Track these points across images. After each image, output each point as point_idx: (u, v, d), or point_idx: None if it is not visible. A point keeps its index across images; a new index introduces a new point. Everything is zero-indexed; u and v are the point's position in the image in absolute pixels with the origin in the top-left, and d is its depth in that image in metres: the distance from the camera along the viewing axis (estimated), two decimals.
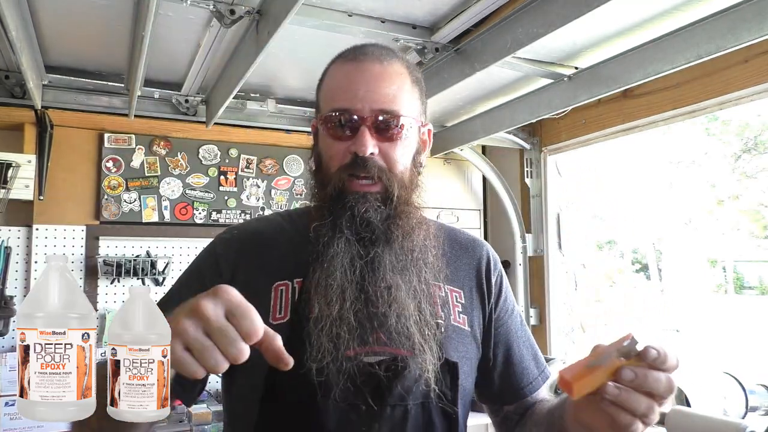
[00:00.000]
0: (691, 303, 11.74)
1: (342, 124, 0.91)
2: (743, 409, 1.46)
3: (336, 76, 0.95)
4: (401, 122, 0.91)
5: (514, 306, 1.09)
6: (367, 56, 0.93)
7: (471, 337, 1.00)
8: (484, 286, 1.04)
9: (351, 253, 0.89)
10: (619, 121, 2.20)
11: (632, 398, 0.71)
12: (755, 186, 11.26)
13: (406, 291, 0.91)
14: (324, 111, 0.94)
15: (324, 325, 0.86)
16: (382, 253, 0.90)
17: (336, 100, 0.92)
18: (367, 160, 0.89)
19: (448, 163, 2.98)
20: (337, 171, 0.92)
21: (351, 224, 0.90)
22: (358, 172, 0.90)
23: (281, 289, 0.94)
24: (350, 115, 0.90)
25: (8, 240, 2.20)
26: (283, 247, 0.98)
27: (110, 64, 2.05)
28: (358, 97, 0.90)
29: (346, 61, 0.95)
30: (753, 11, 1.38)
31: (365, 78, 0.91)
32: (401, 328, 0.88)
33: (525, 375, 1.05)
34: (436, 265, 0.97)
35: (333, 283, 0.88)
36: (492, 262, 1.08)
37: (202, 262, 1.00)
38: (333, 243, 0.89)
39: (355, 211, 0.89)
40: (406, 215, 0.93)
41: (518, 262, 2.70)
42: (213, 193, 2.53)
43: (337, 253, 0.89)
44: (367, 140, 0.89)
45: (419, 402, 0.90)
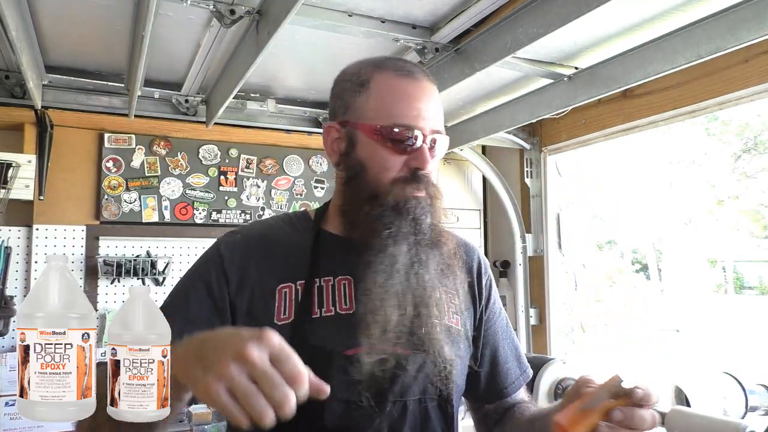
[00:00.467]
0: (691, 303, 11.75)
1: (403, 140, 0.94)
2: (743, 409, 1.46)
3: (392, 89, 0.96)
4: (444, 140, 0.99)
5: (501, 307, 1.15)
6: (420, 74, 0.98)
7: (464, 336, 1.04)
8: (476, 289, 1.09)
9: (411, 258, 0.94)
10: (619, 121, 2.20)
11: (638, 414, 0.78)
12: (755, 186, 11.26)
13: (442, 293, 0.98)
14: (381, 122, 0.94)
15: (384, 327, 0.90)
16: (432, 257, 0.96)
17: (399, 116, 0.94)
18: (426, 176, 0.95)
19: (448, 163, 2.98)
20: (393, 182, 0.95)
21: (413, 228, 0.94)
22: (419, 185, 0.95)
23: (285, 291, 0.95)
24: (413, 131, 0.94)
25: (8, 240, 2.20)
26: (285, 250, 1.00)
27: (110, 64, 2.05)
28: (421, 115, 0.94)
29: (400, 75, 0.97)
30: (753, 11, 1.38)
31: (424, 96, 0.96)
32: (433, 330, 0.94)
33: (508, 375, 1.11)
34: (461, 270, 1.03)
35: (392, 287, 0.91)
36: (483, 266, 1.13)
37: (205, 265, 1.00)
38: (398, 249, 0.93)
39: (417, 215, 0.94)
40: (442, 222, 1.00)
41: (518, 262, 2.70)
42: (213, 193, 2.54)
43: (401, 258, 0.93)
44: (428, 158, 0.95)
45: (416, 398, 0.94)
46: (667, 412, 1.38)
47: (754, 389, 1.50)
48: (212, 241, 1.04)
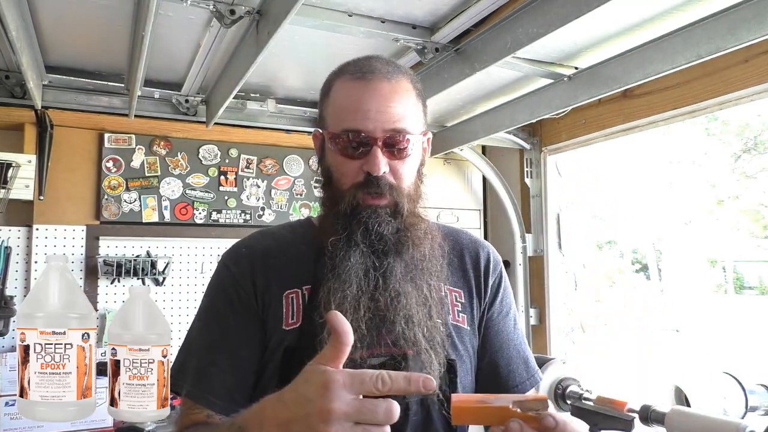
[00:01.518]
0: (691, 303, 11.74)
1: (354, 144, 0.93)
2: (743, 409, 1.46)
3: (345, 94, 0.96)
4: (410, 140, 0.95)
5: (510, 309, 1.11)
6: (375, 74, 0.95)
7: (471, 335, 1.03)
8: (482, 286, 1.07)
9: (366, 265, 0.93)
10: (619, 121, 2.20)
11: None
12: (755, 186, 11.25)
13: (417, 298, 0.94)
14: (333, 128, 0.95)
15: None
16: (393, 264, 0.94)
17: (346, 120, 0.94)
18: (379, 179, 0.93)
19: (448, 163, 2.98)
20: (350, 189, 0.94)
21: (365, 238, 0.93)
22: (371, 190, 0.93)
23: (291, 297, 0.97)
24: (362, 135, 0.92)
25: (8, 240, 2.20)
26: (289, 258, 1.01)
27: (110, 64, 2.05)
28: (369, 117, 0.92)
29: (353, 78, 0.96)
30: (753, 11, 1.38)
31: (375, 98, 0.93)
32: (408, 334, 0.91)
33: (511, 378, 1.06)
34: (443, 273, 1.00)
35: (348, 293, 0.91)
36: (492, 264, 1.10)
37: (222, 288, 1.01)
38: (348, 255, 0.92)
39: (369, 225, 0.93)
40: (414, 227, 0.97)
41: (518, 262, 2.70)
42: (213, 193, 2.53)
43: (353, 265, 0.92)
44: (379, 161, 0.92)
45: (418, 399, 0.93)
46: (667, 412, 1.38)
47: (754, 389, 1.50)
48: (212, 241, 1.05)
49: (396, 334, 0.91)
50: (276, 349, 0.94)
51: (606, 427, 1.59)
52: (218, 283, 1.01)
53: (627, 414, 1.53)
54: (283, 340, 0.94)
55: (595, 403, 1.68)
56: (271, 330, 0.95)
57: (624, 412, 1.54)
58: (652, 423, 1.44)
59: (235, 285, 0.98)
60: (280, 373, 0.92)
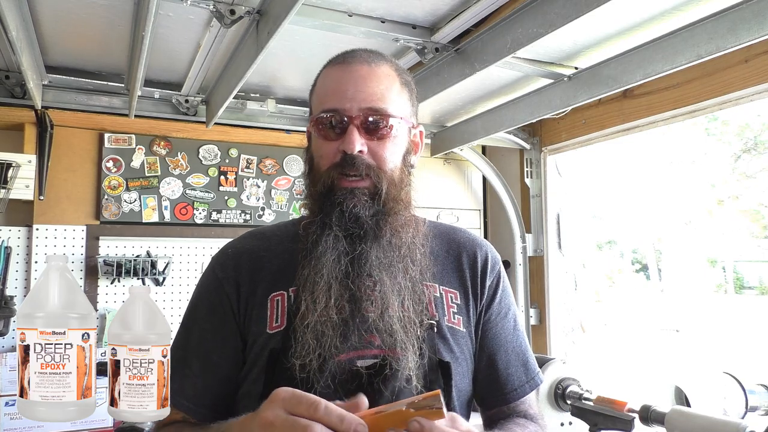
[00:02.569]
0: (691, 303, 11.74)
1: (332, 125, 0.93)
2: (743, 409, 1.46)
3: (325, 80, 0.98)
4: (390, 122, 0.93)
5: (510, 310, 1.07)
6: (356, 59, 0.96)
7: (468, 337, 1.00)
8: (478, 287, 1.04)
9: (338, 250, 0.91)
10: (619, 121, 2.20)
11: None
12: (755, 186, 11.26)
13: (391, 287, 0.91)
14: (315, 113, 0.97)
15: (309, 323, 0.87)
16: (369, 250, 0.91)
17: (325, 102, 0.95)
18: (355, 158, 0.91)
19: (448, 163, 2.98)
20: (327, 170, 0.94)
21: (340, 220, 0.91)
22: (347, 170, 0.92)
23: (277, 300, 0.96)
24: (339, 115, 0.92)
25: (8, 240, 2.20)
26: (277, 259, 1.00)
27: (110, 64, 2.05)
28: (346, 97, 0.92)
29: (335, 64, 0.98)
30: (753, 11, 1.38)
31: (353, 78, 0.94)
32: (384, 325, 0.89)
33: (509, 381, 1.03)
34: (424, 263, 0.97)
35: (320, 280, 0.89)
36: (490, 263, 1.06)
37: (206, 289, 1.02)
38: (321, 240, 0.91)
39: (344, 207, 0.91)
40: (394, 212, 0.94)
41: (518, 262, 2.70)
42: (213, 193, 2.53)
43: (325, 250, 0.90)
44: (354, 139, 0.91)
45: None
46: (667, 412, 1.38)
47: (754, 389, 1.50)
48: (212, 241, 1.05)
49: (370, 325, 0.89)
50: (260, 352, 0.93)
51: (606, 427, 1.59)
52: (203, 287, 1.02)
53: (627, 414, 1.53)
54: (267, 344, 0.93)
55: (595, 403, 1.68)
56: (255, 333, 0.94)
57: (624, 412, 1.54)
58: (652, 423, 1.44)
59: (218, 290, 0.98)
60: (266, 377, 0.91)
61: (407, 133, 0.99)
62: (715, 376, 1.52)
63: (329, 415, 0.65)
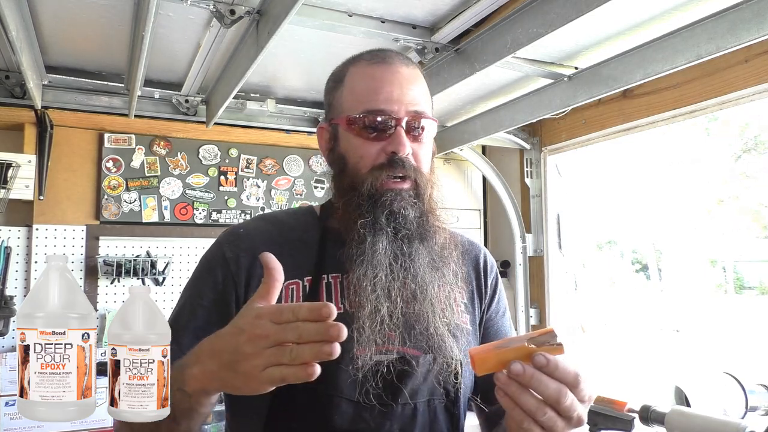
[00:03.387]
0: (691, 303, 11.74)
1: (376, 125, 0.92)
2: (743, 409, 1.46)
3: (363, 78, 0.95)
4: (428, 125, 0.95)
5: (506, 309, 1.12)
6: (395, 59, 0.96)
7: (473, 335, 1.03)
8: (482, 287, 1.08)
9: (394, 251, 0.91)
10: (619, 121, 2.20)
11: (542, 380, 0.70)
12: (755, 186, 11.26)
13: (439, 287, 0.94)
14: (353, 112, 0.93)
15: (374, 321, 0.87)
16: (420, 249, 0.93)
17: (368, 102, 0.92)
18: (404, 160, 0.92)
19: (448, 163, 2.98)
20: (370, 171, 0.92)
21: (390, 222, 0.91)
22: (396, 171, 0.92)
23: (292, 288, 0.94)
24: (386, 116, 0.91)
25: (8, 240, 2.20)
26: (292, 246, 0.97)
27: (110, 64, 2.05)
28: (393, 98, 0.92)
29: (371, 63, 0.95)
30: (753, 11, 1.38)
31: (398, 80, 0.93)
32: (433, 327, 0.91)
33: None
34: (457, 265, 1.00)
35: (377, 280, 0.89)
36: (489, 265, 1.11)
37: (210, 270, 0.98)
38: (376, 240, 0.91)
39: (394, 208, 0.91)
40: (433, 213, 0.96)
41: (518, 262, 2.70)
42: (213, 193, 2.54)
43: (382, 250, 0.90)
44: (405, 140, 0.91)
45: (425, 400, 0.92)
46: (667, 412, 1.38)
47: (754, 389, 1.50)
48: (212, 241, 1.02)
49: (424, 325, 0.90)
50: None
51: (606, 427, 1.59)
52: (207, 262, 0.98)
53: (627, 414, 1.53)
54: None
55: (595, 403, 1.68)
56: None
57: (624, 412, 1.54)
58: (652, 423, 1.44)
59: (224, 269, 0.94)
60: None
61: (432, 134, 1.00)
62: (715, 376, 1.52)
63: (301, 311, 0.66)
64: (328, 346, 0.65)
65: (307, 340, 0.65)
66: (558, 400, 0.70)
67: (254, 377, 0.67)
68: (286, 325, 0.66)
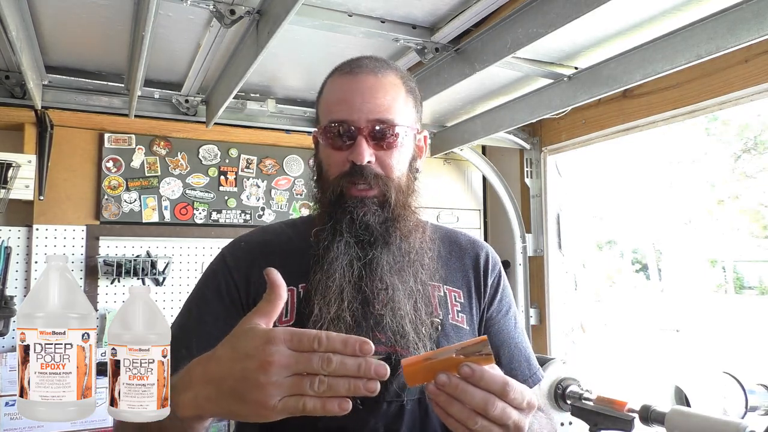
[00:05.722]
0: (691, 303, 11.75)
1: (340, 135, 0.95)
2: (743, 409, 1.46)
3: (333, 90, 1.00)
4: (396, 131, 0.96)
5: (510, 308, 1.11)
6: (362, 69, 0.98)
7: (471, 335, 1.03)
8: (481, 286, 1.08)
9: (350, 255, 0.94)
10: (619, 121, 2.20)
11: (468, 390, 0.70)
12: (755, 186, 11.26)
13: (403, 291, 0.95)
14: (323, 122, 0.99)
15: (322, 325, 0.90)
16: (380, 255, 0.95)
17: (333, 112, 0.97)
18: (363, 168, 0.94)
19: (448, 163, 2.98)
20: (336, 178, 0.97)
21: (350, 227, 0.94)
22: (356, 179, 0.95)
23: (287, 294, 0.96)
24: (347, 125, 0.95)
25: (8, 240, 2.20)
26: (288, 255, 1.01)
27: (110, 64, 2.05)
28: (354, 108, 0.95)
29: (342, 74, 1.00)
30: (753, 11, 1.38)
31: (360, 89, 0.96)
32: (396, 326, 0.92)
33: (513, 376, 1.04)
34: (432, 266, 1.01)
35: (332, 284, 0.92)
36: (491, 263, 1.11)
37: (214, 276, 1.02)
38: (333, 246, 0.94)
39: (354, 215, 0.94)
40: (403, 218, 0.98)
41: (518, 262, 2.70)
42: (213, 193, 2.53)
43: (337, 256, 0.93)
44: (363, 150, 0.93)
45: (416, 398, 0.94)
46: (667, 412, 1.38)
47: (754, 389, 1.50)
48: (212, 241, 1.06)
49: (384, 327, 0.91)
50: None
51: (606, 427, 1.59)
52: (211, 271, 1.03)
53: (627, 414, 1.53)
54: None
55: (595, 403, 1.68)
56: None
57: (624, 412, 1.54)
58: (652, 423, 1.44)
59: (226, 276, 1.00)
60: None
61: (413, 139, 1.02)
62: (715, 376, 1.52)
63: (333, 343, 0.64)
64: (372, 383, 0.64)
65: (342, 374, 0.63)
66: (485, 409, 0.70)
67: (267, 407, 0.63)
68: (310, 355, 0.63)
